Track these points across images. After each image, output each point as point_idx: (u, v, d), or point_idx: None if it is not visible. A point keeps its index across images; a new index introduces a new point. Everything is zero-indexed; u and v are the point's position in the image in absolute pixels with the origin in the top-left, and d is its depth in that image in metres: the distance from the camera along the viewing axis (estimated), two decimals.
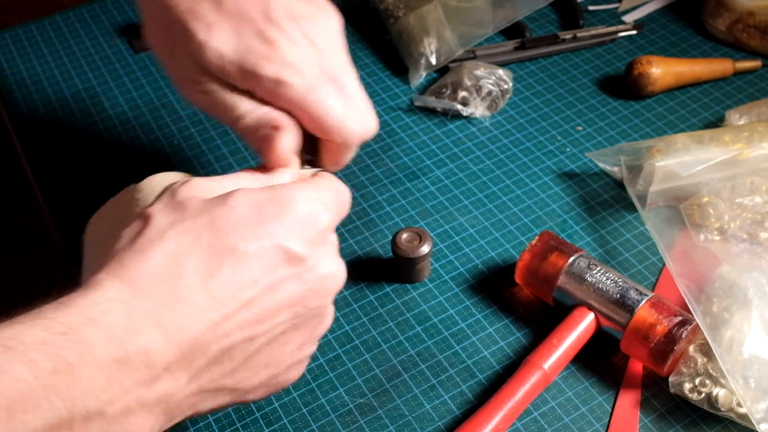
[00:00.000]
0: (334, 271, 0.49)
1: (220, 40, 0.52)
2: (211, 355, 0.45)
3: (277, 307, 0.47)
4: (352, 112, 0.55)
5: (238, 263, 0.45)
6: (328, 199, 0.50)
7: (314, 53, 0.54)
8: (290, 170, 0.54)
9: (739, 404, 0.56)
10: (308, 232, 0.48)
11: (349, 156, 0.57)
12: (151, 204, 0.47)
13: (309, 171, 0.56)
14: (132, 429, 0.42)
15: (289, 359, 0.49)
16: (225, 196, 0.47)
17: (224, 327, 0.45)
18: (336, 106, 0.54)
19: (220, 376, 0.46)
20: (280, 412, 0.60)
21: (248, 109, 0.54)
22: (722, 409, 0.57)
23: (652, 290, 0.65)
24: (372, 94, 0.86)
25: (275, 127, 0.53)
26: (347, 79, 0.55)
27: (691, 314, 0.59)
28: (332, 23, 0.57)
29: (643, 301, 0.60)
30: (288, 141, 0.53)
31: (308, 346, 0.51)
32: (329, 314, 0.51)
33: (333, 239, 0.51)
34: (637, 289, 0.61)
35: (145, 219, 0.46)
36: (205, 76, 0.53)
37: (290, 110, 0.54)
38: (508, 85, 0.83)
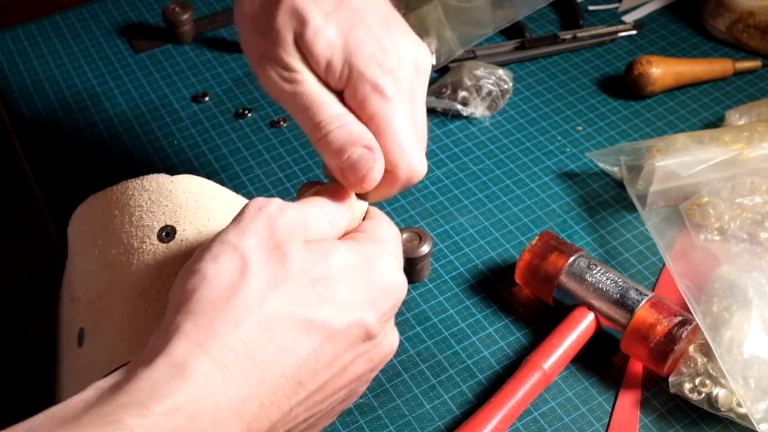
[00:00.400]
0: (394, 347, 0.48)
1: (335, 31, 0.49)
2: None
3: (342, 385, 0.45)
4: (417, 143, 0.50)
5: (326, 343, 0.42)
6: (400, 266, 0.48)
7: (412, 70, 0.51)
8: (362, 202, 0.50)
9: (739, 404, 0.56)
10: (386, 305, 0.46)
11: (396, 191, 0.52)
12: (243, 233, 0.43)
13: (361, 206, 0.51)
14: None
15: (326, 421, 0.48)
16: (325, 254, 0.44)
17: (296, 411, 0.43)
18: (407, 132, 0.49)
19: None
20: None
21: (335, 115, 0.49)
22: (722, 409, 0.57)
23: (652, 290, 0.65)
24: None
25: (369, 148, 0.48)
26: (420, 103, 0.51)
27: (691, 314, 0.59)
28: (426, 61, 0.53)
29: (643, 301, 0.60)
30: (380, 168, 0.48)
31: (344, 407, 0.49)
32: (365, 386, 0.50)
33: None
34: (637, 289, 0.61)
35: (241, 260, 0.42)
36: (302, 64, 0.50)
37: (368, 124, 0.49)
38: (508, 85, 0.83)
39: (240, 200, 0.57)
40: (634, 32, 0.92)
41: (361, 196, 0.51)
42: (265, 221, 0.44)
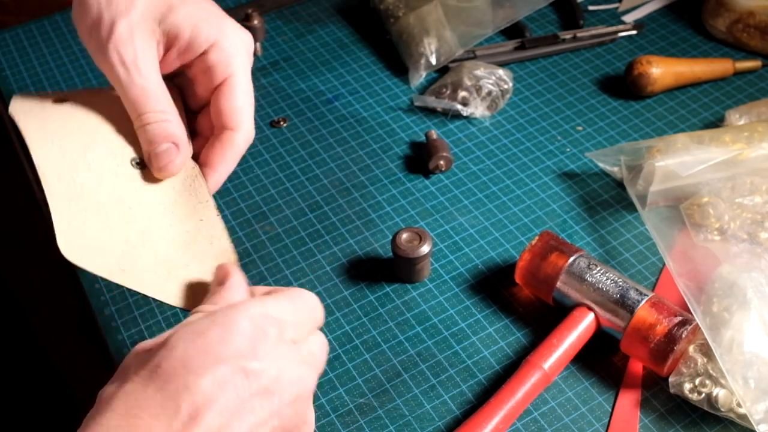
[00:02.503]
0: (299, 375, 0.47)
1: (183, 16, 0.57)
2: None
3: (250, 427, 0.45)
4: (251, 111, 0.59)
5: (195, 398, 0.44)
6: (275, 310, 0.48)
7: (245, 50, 0.60)
8: (239, 283, 0.53)
9: (738, 404, 0.56)
10: (261, 346, 0.46)
11: (238, 155, 0.59)
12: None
13: (262, 289, 0.54)
14: None
15: None
16: (164, 340, 0.46)
17: None
18: (246, 101, 0.59)
19: None
20: None
21: (159, 111, 0.56)
22: (722, 410, 0.57)
23: (652, 290, 0.65)
24: (372, 94, 0.86)
25: (176, 145, 0.57)
26: (249, 77, 0.60)
27: (691, 314, 0.59)
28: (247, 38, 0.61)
29: (643, 301, 0.60)
30: (181, 162, 0.57)
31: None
32: (310, 418, 0.49)
33: (297, 340, 0.49)
34: (637, 289, 0.61)
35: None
36: (141, 52, 0.55)
37: (214, 93, 0.58)
38: (508, 85, 0.83)
39: None
40: (634, 32, 0.92)
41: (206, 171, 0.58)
42: (121, 368, 0.47)
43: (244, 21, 0.88)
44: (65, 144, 0.57)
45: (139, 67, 0.55)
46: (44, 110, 0.60)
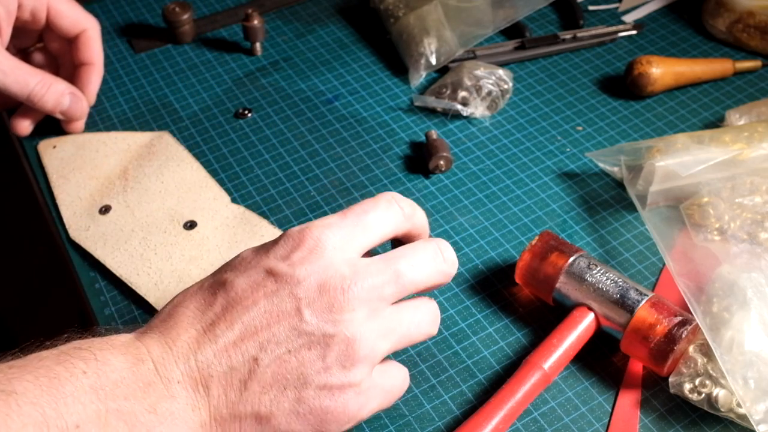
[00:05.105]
0: (329, 279, 0.49)
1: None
2: (218, 375, 0.46)
3: (270, 323, 0.47)
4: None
5: (228, 292, 0.49)
6: (335, 221, 0.52)
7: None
8: None
9: (738, 405, 0.56)
10: (297, 252, 0.50)
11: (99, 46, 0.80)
12: None
13: None
14: None
15: (313, 383, 0.48)
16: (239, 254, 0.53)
17: (223, 348, 0.47)
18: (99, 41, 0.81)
19: (237, 401, 0.47)
20: None
21: (40, 81, 0.73)
22: (722, 410, 0.57)
23: (652, 290, 0.65)
24: (372, 94, 0.86)
25: (72, 93, 0.77)
26: None
27: (691, 314, 0.59)
28: None
29: (643, 301, 0.60)
30: (85, 105, 0.80)
31: (337, 370, 0.48)
32: (352, 332, 0.49)
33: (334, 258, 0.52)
34: (637, 289, 0.61)
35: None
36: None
37: (78, 38, 0.78)
38: (508, 85, 0.83)
39: None
40: (634, 32, 0.92)
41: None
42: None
43: (244, 21, 0.89)
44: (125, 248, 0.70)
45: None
46: (93, 220, 0.72)
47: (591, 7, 0.96)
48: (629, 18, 0.94)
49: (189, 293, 0.51)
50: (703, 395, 0.57)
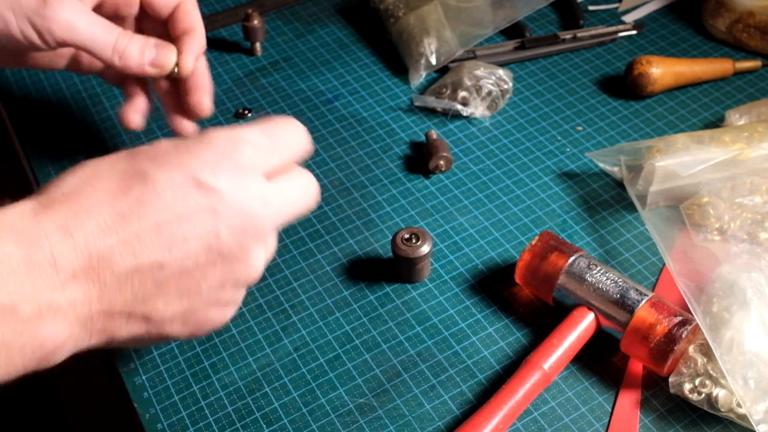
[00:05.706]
0: (253, 209, 0.49)
1: None
2: (119, 272, 0.45)
3: (186, 236, 0.47)
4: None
5: (146, 186, 0.46)
6: (256, 137, 0.51)
7: None
8: None
9: (738, 405, 0.56)
10: (224, 165, 0.48)
11: (202, 47, 0.68)
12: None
13: None
14: (46, 334, 0.44)
15: (207, 296, 0.49)
16: (154, 142, 0.50)
17: (130, 245, 0.45)
18: (197, 8, 0.69)
19: (132, 299, 0.46)
20: (280, 412, 0.60)
21: (121, 33, 0.64)
22: (722, 410, 0.57)
23: (652, 290, 0.65)
24: (372, 94, 0.86)
25: (158, 44, 0.66)
26: None
27: (691, 314, 0.59)
28: None
29: (643, 301, 0.60)
30: (172, 51, 0.66)
31: (230, 288, 0.50)
32: (253, 260, 0.50)
33: (275, 173, 0.51)
34: (637, 289, 0.61)
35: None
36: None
37: (175, 10, 0.67)
38: (508, 85, 0.83)
39: None
40: (634, 32, 0.92)
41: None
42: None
43: (244, 21, 0.89)
44: None
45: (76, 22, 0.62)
46: None
47: (591, 7, 0.96)
48: (629, 18, 0.94)
49: (99, 171, 0.48)
50: (703, 395, 0.57)
